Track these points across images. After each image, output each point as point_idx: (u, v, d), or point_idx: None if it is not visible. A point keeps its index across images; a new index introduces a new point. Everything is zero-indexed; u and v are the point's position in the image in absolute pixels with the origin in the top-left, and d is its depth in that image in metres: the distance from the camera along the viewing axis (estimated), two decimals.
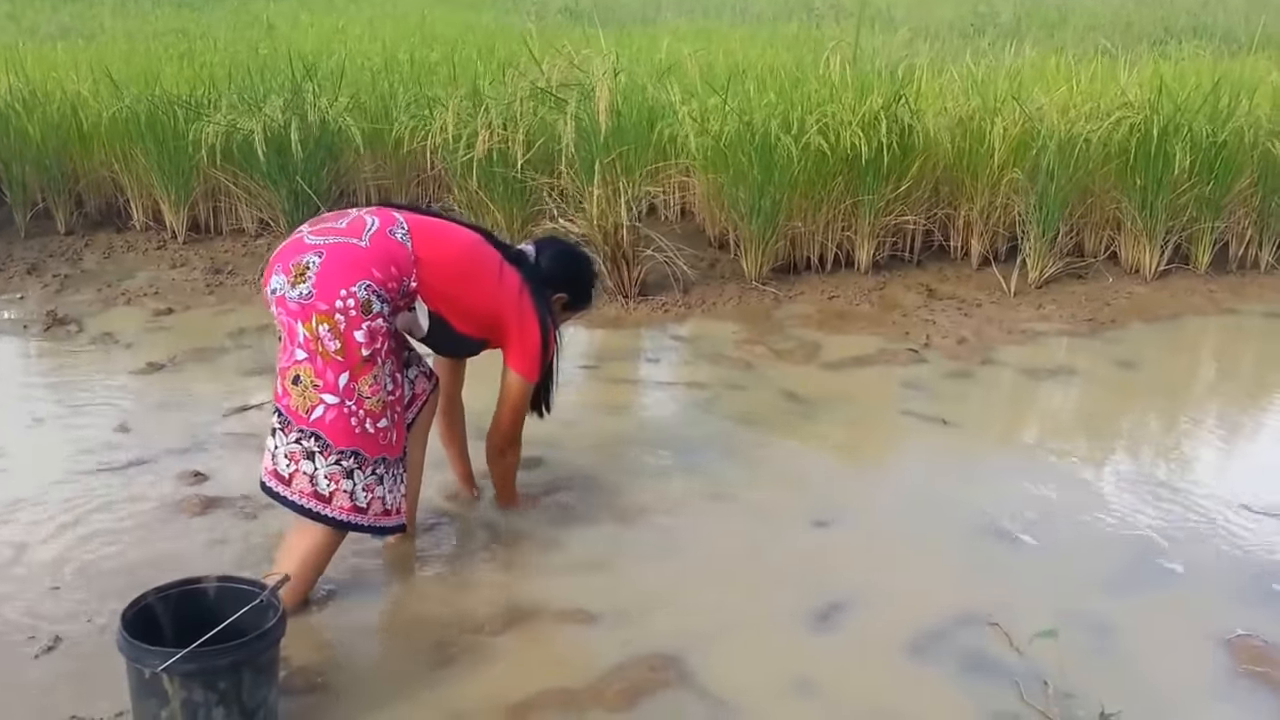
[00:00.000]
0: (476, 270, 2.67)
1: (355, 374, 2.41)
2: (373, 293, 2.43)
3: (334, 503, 2.45)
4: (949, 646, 2.52)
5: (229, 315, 4.77)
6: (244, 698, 1.99)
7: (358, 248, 2.47)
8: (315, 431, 2.41)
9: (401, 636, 2.51)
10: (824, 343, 4.72)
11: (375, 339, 2.43)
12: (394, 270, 2.48)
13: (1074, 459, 3.56)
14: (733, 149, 5.24)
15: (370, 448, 2.47)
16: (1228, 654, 2.51)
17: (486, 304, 2.69)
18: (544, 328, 2.76)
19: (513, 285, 2.72)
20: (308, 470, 2.43)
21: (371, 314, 2.43)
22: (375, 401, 2.45)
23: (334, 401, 2.40)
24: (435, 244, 2.59)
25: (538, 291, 2.77)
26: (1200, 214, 5.63)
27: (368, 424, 2.45)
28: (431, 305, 2.60)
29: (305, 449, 2.42)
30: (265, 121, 4.89)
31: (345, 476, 2.45)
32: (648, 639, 2.51)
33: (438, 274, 2.57)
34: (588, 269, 3.04)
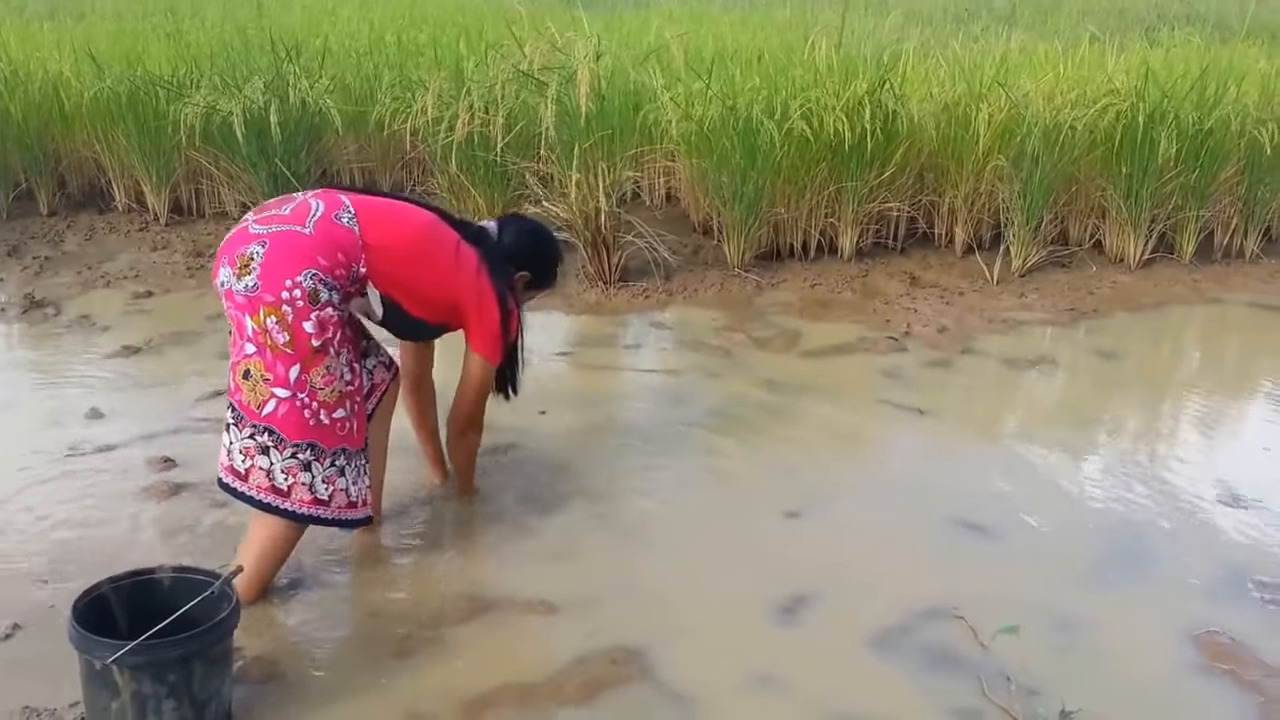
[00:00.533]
0: (429, 252, 2.60)
1: (306, 366, 2.37)
2: (319, 281, 2.37)
3: (293, 496, 2.43)
4: (914, 641, 2.52)
5: (208, 299, 4.74)
6: (195, 690, 1.98)
7: (301, 235, 2.39)
8: (268, 426, 2.38)
9: (362, 627, 2.50)
10: (804, 331, 4.70)
11: (326, 329, 2.39)
12: (341, 257, 2.42)
13: (1051, 450, 3.55)
14: (716, 134, 5.21)
15: (327, 439, 2.44)
16: (1194, 651, 2.50)
17: (442, 287, 2.62)
18: (503, 307, 2.69)
19: (470, 265, 2.64)
20: (263, 465, 2.40)
21: (319, 303, 2.37)
22: (329, 392, 2.42)
23: (285, 395, 2.36)
24: (384, 228, 2.52)
25: (496, 270, 2.70)
26: (1185, 202, 5.61)
27: (322, 415, 2.42)
28: (384, 290, 2.55)
29: (259, 444, 2.39)
30: (245, 103, 4.84)
31: (303, 469, 2.42)
32: (610, 632, 2.50)
33: (388, 258, 2.51)
34: (550, 247, 2.96)
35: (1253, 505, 3.19)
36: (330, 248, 2.41)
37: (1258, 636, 2.54)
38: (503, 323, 2.69)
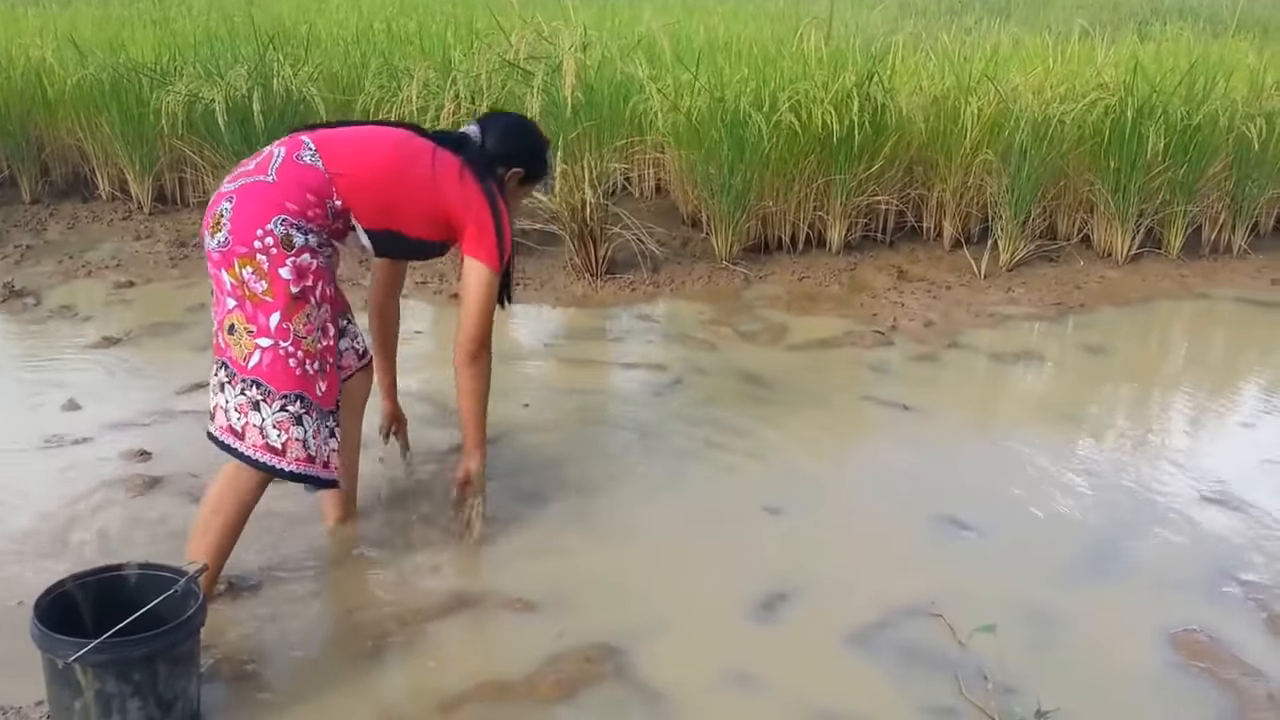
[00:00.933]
0: (403, 169, 2.51)
1: (287, 313, 2.35)
2: (290, 226, 2.36)
3: (288, 455, 2.39)
4: (892, 638, 2.50)
5: (190, 289, 4.71)
6: (160, 689, 1.96)
7: (265, 184, 2.39)
8: (255, 379, 2.35)
9: (336, 624, 2.48)
10: (791, 325, 4.68)
11: (304, 276, 2.37)
12: (310, 197, 2.39)
13: (1034, 446, 3.53)
14: (704, 126, 5.18)
15: (311, 390, 2.41)
16: (1172, 649, 2.49)
17: (429, 201, 2.54)
18: (493, 207, 2.57)
19: (450, 172, 2.55)
20: (256, 422, 2.37)
21: (294, 249, 2.35)
22: (311, 341, 2.39)
23: (268, 344, 2.34)
24: (351, 158, 2.46)
25: (481, 171, 2.59)
26: (1173, 197, 5.60)
27: (307, 365, 2.40)
28: (374, 224, 2.50)
29: (250, 399, 2.36)
30: (227, 90, 4.79)
31: (294, 423, 2.38)
32: (587, 629, 2.48)
33: (364, 187, 2.46)
34: (535, 136, 2.83)
35: (1235, 502, 3.18)
36: (298, 190, 2.38)
37: (1236, 634, 2.53)
38: (496, 223, 2.57)
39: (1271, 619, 2.60)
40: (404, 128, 2.65)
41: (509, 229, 2.63)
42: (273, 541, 2.76)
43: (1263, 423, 3.84)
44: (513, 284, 2.80)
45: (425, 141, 2.58)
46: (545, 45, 4.81)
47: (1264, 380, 4.30)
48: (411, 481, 3.11)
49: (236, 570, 2.62)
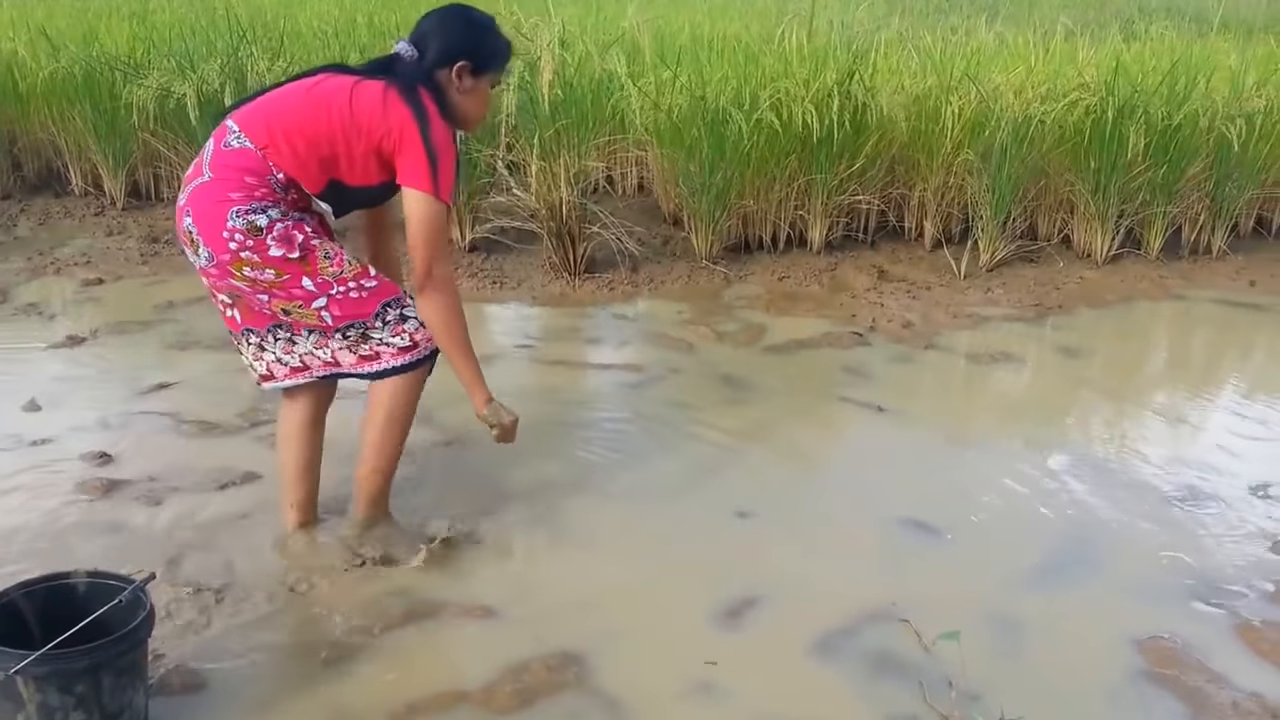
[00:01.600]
0: (323, 114, 2.35)
1: (309, 271, 2.39)
2: (246, 215, 2.33)
3: (420, 343, 2.52)
4: (858, 645, 2.47)
5: (160, 287, 4.66)
6: (105, 701, 1.92)
7: (205, 184, 2.36)
8: (345, 325, 2.44)
9: (292, 634, 2.43)
10: (769, 325, 4.65)
11: (290, 238, 2.36)
12: (249, 180, 2.33)
13: (1008, 449, 3.52)
14: (685, 124, 5.14)
15: (389, 291, 2.49)
16: (1139, 656, 2.47)
17: (356, 141, 2.36)
18: (421, 123, 2.35)
19: (371, 101, 2.35)
20: (377, 341, 2.48)
21: (263, 230, 2.34)
22: (349, 267, 2.44)
23: (324, 302, 2.41)
24: (271, 124, 2.36)
25: (405, 88, 2.38)
26: (1153, 198, 5.58)
27: (365, 283, 2.45)
28: (318, 184, 2.40)
29: (356, 336, 2.46)
30: (199, 84, 4.73)
31: (401, 321, 2.49)
32: (549, 636, 2.44)
33: (289, 148, 2.35)
34: (469, 19, 2.53)
35: (1207, 507, 3.17)
36: (235, 177, 2.34)
37: (1203, 641, 2.51)
38: (426, 142, 2.35)
39: (1239, 625, 2.58)
40: (324, 70, 2.49)
41: (446, 144, 2.40)
42: (231, 549, 2.71)
43: (1236, 426, 3.82)
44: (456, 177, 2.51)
45: (345, 77, 2.43)
46: (523, 41, 4.75)
47: (1239, 383, 4.29)
48: None
49: (196, 579, 2.58)
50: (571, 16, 7.04)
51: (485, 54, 2.50)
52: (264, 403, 3.56)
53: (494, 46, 2.54)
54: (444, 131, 2.40)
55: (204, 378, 3.76)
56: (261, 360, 2.57)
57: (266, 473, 3.09)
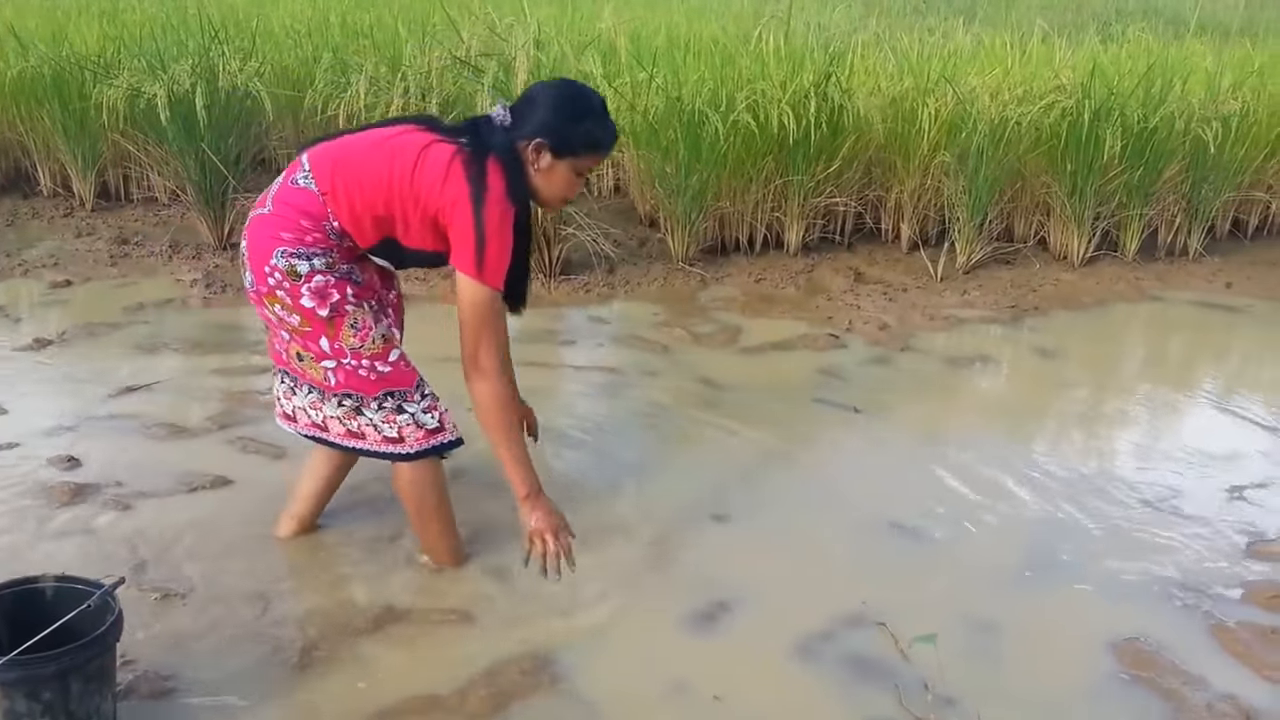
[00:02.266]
0: (383, 170, 2.27)
1: (331, 334, 2.34)
2: (291, 257, 2.29)
3: (408, 440, 2.45)
4: (834, 649, 2.46)
5: (129, 289, 4.59)
6: (72, 707, 1.88)
7: (263, 216, 2.34)
8: (344, 393, 2.40)
9: (263, 640, 2.38)
10: (746, 327, 4.64)
11: (326, 295, 2.31)
12: (305, 223, 2.28)
13: (984, 451, 3.51)
14: (662, 126, 5.12)
15: (398, 381, 2.43)
16: (1114, 658, 2.47)
17: (414, 203, 2.27)
18: (476, 203, 2.21)
19: (436, 167, 2.24)
20: (366, 421, 2.43)
21: (302, 277, 2.29)
22: (371, 344, 2.37)
23: (333, 365, 2.37)
24: (338, 169, 2.29)
25: (471, 161, 2.24)
26: (1129, 200, 5.62)
27: (378, 366, 2.39)
28: (371, 239, 2.34)
29: (350, 408, 2.42)
30: (170, 85, 4.67)
31: (397, 413, 2.43)
32: (523, 640, 2.42)
33: (350, 198, 2.28)
34: (564, 97, 2.35)
35: (1183, 509, 3.17)
36: (290, 218, 2.30)
37: (1178, 643, 2.51)
38: (477, 224, 2.21)
39: (1214, 627, 2.58)
40: (411, 122, 2.39)
41: (500, 225, 2.24)
42: (200, 554, 2.67)
43: (1212, 428, 3.84)
44: (527, 288, 2.52)
45: (423, 135, 2.31)
46: (498, 42, 4.72)
47: (1215, 385, 4.31)
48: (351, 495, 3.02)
49: (165, 583, 2.54)
50: (547, 17, 7.01)
51: (573, 138, 2.33)
52: (234, 406, 3.52)
53: (586, 133, 2.35)
54: (501, 211, 2.24)
55: (173, 380, 3.70)
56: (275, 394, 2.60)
57: (236, 476, 3.06)
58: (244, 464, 3.15)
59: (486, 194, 2.22)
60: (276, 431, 3.28)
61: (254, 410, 3.49)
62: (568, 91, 2.39)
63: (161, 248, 5.04)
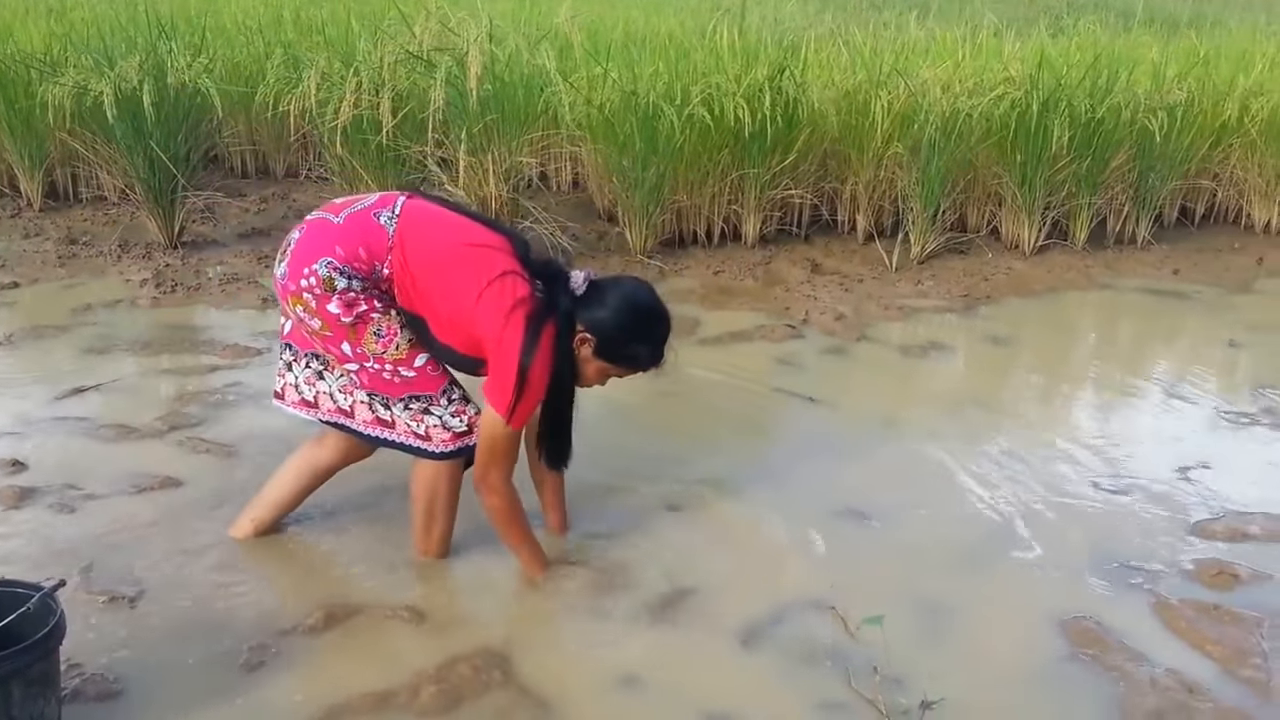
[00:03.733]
0: (459, 270, 2.32)
1: (354, 340, 2.35)
2: (335, 270, 2.30)
3: (434, 439, 2.46)
4: (785, 634, 2.48)
5: (77, 290, 4.53)
6: (14, 712, 1.86)
7: (329, 223, 2.36)
8: (369, 392, 2.42)
9: (211, 638, 2.36)
10: (703, 319, 4.65)
11: (354, 305, 2.32)
12: (362, 252, 2.32)
13: (934, 436, 3.55)
14: (618, 119, 5.13)
15: (424, 386, 2.42)
16: (1062, 636, 2.51)
17: (464, 312, 2.32)
18: (523, 360, 2.28)
19: (505, 300, 2.30)
20: (399, 414, 2.44)
21: (337, 290, 2.30)
22: (395, 350, 2.37)
23: (357, 368, 2.39)
24: (421, 233, 2.34)
25: (538, 315, 2.31)
26: (1078, 190, 5.70)
27: (402, 370, 2.39)
28: (407, 303, 2.36)
29: (381, 400, 2.43)
30: (117, 82, 4.60)
31: (425, 414, 2.44)
32: (474, 636, 2.42)
33: (412, 265, 2.33)
34: (635, 314, 2.44)
35: (1131, 490, 3.23)
36: (354, 240, 2.32)
37: (1125, 621, 2.56)
38: (519, 380, 2.29)
39: (1158, 604, 2.63)
40: (506, 235, 2.43)
41: (540, 380, 2.33)
42: (148, 555, 2.64)
43: (1160, 411, 3.91)
44: (568, 449, 2.58)
45: (508, 258, 2.35)
46: (451, 36, 4.70)
47: (1163, 369, 4.38)
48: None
49: (112, 586, 2.51)
50: (505, 12, 7.00)
51: (619, 351, 2.45)
52: (183, 405, 3.49)
53: (633, 354, 2.46)
54: (543, 369, 2.32)
55: (122, 381, 3.66)
56: (282, 378, 2.57)
57: (185, 476, 3.03)
58: (193, 464, 3.12)
59: (538, 350, 2.30)
60: (225, 431, 3.30)
61: (204, 410, 3.46)
62: (641, 306, 2.46)
63: (110, 247, 4.97)
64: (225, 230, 5.40)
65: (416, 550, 2.68)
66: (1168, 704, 2.27)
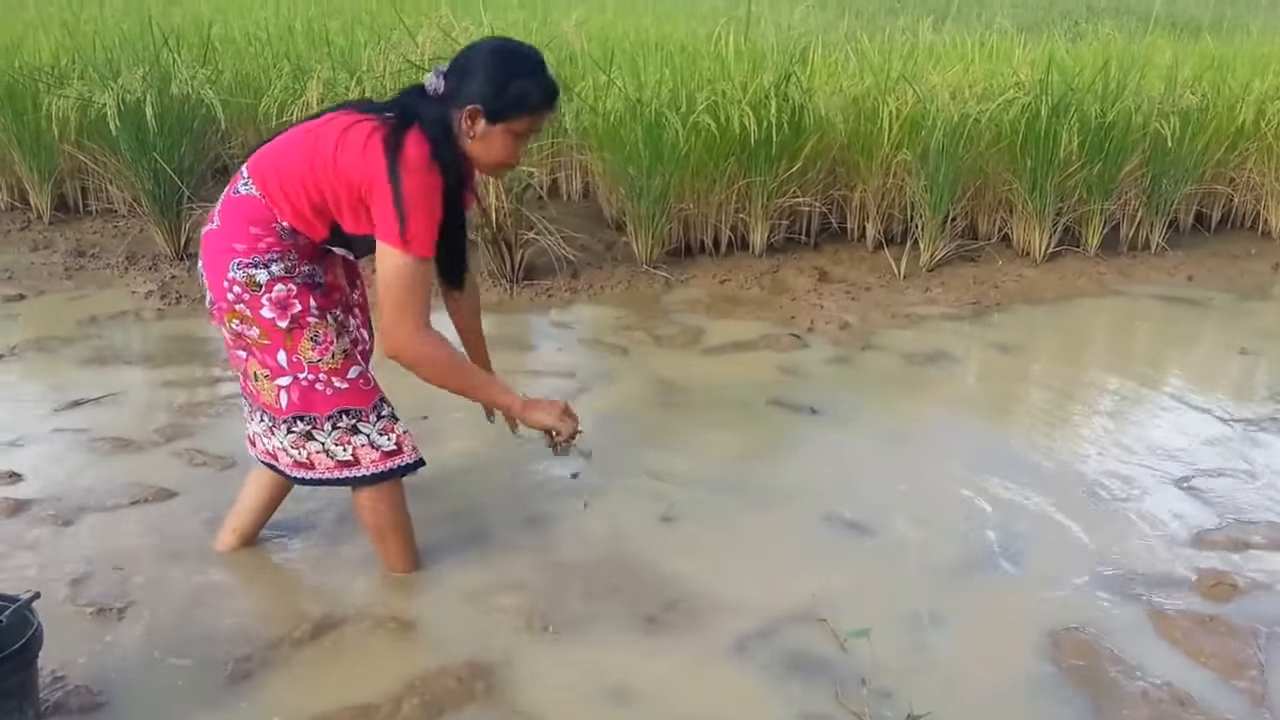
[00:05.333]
0: (313, 161, 2.23)
1: (290, 347, 2.31)
2: (248, 268, 2.27)
3: (363, 461, 2.42)
4: (775, 646, 2.45)
5: (82, 301, 4.56)
6: None
7: (213, 232, 2.33)
8: (295, 415, 2.36)
9: (196, 650, 2.36)
10: (708, 328, 4.63)
11: (287, 306, 2.29)
12: (254, 230, 2.26)
13: (934, 447, 3.51)
14: (623, 128, 5.11)
15: (355, 399, 2.38)
16: (1053, 647, 2.46)
17: (340, 189, 2.23)
18: (391, 175, 2.16)
19: (355, 144, 2.20)
20: (317, 449, 2.39)
21: (262, 287, 2.27)
22: (330, 359, 2.34)
23: (289, 381, 2.33)
24: (271, 169, 2.28)
25: (392, 130, 2.19)
26: (1090, 195, 5.63)
27: (335, 382, 2.35)
28: (320, 231, 2.30)
29: (301, 432, 2.37)
30: (120, 94, 4.64)
31: (352, 434, 2.39)
32: (461, 647, 2.40)
33: (288, 194, 2.26)
34: (492, 59, 2.24)
35: (1133, 500, 3.17)
36: (239, 227, 2.29)
37: (1118, 632, 2.51)
38: (395, 194, 2.16)
39: (1154, 614, 2.58)
40: (340, 108, 2.36)
41: (421, 193, 2.18)
42: (139, 568, 2.65)
43: (1165, 418, 3.85)
44: (465, 261, 2.44)
45: (347, 116, 2.27)
46: (454, 45, 4.71)
47: (1173, 378, 4.31)
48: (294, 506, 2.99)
49: (101, 598, 2.51)
50: (515, 21, 7.01)
51: (505, 100, 2.24)
52: (182, 417, 3.50)
53: (520, 95, 2.25)
54: (423, 179, 2.18)
55: (122, 393, 3.68)
56: None
57: (181, 488, 3.03)
58: (190, 476, 3.12)
59: (403, 163, 2.17)
60: (224, 443, 3.31)
61: (203, 421, 3.47)
62: (500, 49, 2.28)
63: (118, 259, 5.01)
64: None
65: (387, 569, 2.65)
66: (1159, 717, 2.22)
